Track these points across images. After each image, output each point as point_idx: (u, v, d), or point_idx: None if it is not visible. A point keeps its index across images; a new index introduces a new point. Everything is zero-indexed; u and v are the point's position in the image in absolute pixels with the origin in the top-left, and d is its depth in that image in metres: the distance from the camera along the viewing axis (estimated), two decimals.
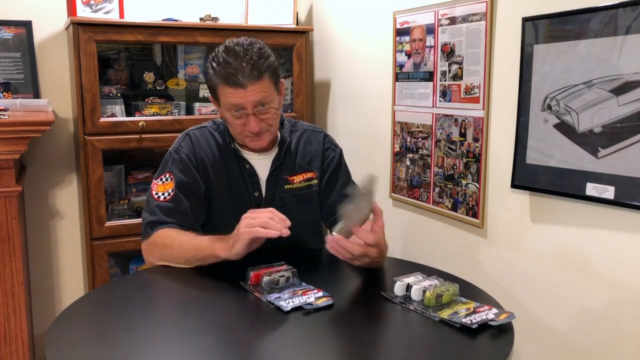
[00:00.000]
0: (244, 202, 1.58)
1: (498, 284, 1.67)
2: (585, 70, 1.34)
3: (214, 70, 1.45)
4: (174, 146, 1.60)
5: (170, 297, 1.36)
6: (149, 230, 1.50)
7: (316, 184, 1.66)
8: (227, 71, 1.42)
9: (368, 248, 1.30)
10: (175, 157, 1.57)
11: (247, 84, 1.41)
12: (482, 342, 1.06)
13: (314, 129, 1.72)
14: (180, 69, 2.54)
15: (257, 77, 1.42)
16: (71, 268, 2.54)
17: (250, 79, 1.41)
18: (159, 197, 1.53)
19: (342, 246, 1.27)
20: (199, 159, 1.57)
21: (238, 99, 1.44)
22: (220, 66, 1.43)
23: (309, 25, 2.75)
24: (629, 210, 1.29)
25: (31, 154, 2.40)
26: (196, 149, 1.58)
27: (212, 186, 1.57)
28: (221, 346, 1.06)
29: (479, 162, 1.71)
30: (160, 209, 1.51)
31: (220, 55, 1.45)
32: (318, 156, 1.67)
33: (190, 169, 1.55)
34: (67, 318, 1.19)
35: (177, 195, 1.52)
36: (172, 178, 1.54)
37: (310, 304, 1.18)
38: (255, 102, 1.45)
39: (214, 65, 1.45)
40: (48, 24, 2.38)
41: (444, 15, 1.80)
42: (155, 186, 1.55)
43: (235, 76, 1.41)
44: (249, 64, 1.41)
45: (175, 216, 1.50)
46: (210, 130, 1.63)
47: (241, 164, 1.59)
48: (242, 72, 1.41)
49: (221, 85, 1.45)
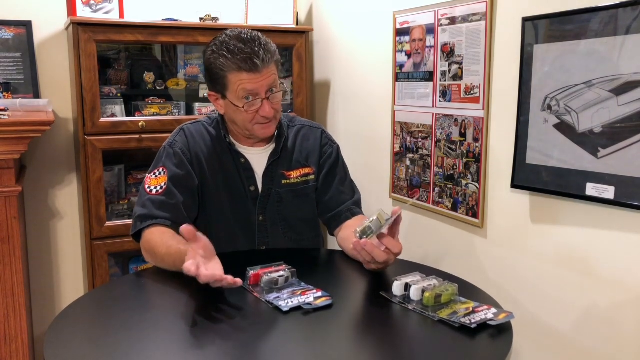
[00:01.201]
0: (240, 197, 1.59)
1: (497, 284, 1.67)
2: (585, 70, 1.34)
3: (226, 58, 1.44)
4: (168, 141, 1.60)
5: (169, 297, 1.36)
6: (139, 224, 1.50)
7: (313, 180, 1.66)
8: (242, 57, 1.43)
9: (391, 256, 1.31)
10: (169, 151, 1.57)
11: (262, 68, 1.44)
12: (481, 341, 1.06)
13: (311, 125, 1.72)
14: (180, 69, 2.54)
15: (269, 61, 1.46)
16: (71, 268, 2.55)
17: (265, 63, 1.44)
18: (151, 190, 1.53)
19: (368, 251, 1.28)
20: (194, 153, 1.57)
21: (253, 84, 1.45)
22: (233, 53, 1.44)
23: (309, 25, 2.75)
24: (629, 210, 1.29)
25: (31, 154, 2.40)
26: (190, 144, 1.58)
27: (207, 181, 1.57)
28: (220, 346, 1.06)
29: (479, 162, 1.71)
30: (152, 202, 1.50)
31: (227, 43, 1.46)
32: (315, 152, 1.67)
33: (184, 163, 1.55)
34: (67, 318, 1.19)
35: (170, 189, 1.52)
36: (166, 172, 1.54)
37: (309, 304, 1.18)
38: (268, 85, 1.47)
39: (224, 53, 1.45)
40: (48, 24, 2.38)
41: (444, 15, 1.80)
42: (148, 180, 1.55)
43: (252, 60, 1.43)
44: (261, 48, 1.44)
45: (167, 210, 1.50)
46: (205, 125, 1.63)
47: (236, 158, 1.59)
48: (257, 56, 1.43)
49: (235, 72, 1.45)
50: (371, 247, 1.28)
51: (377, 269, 1.36)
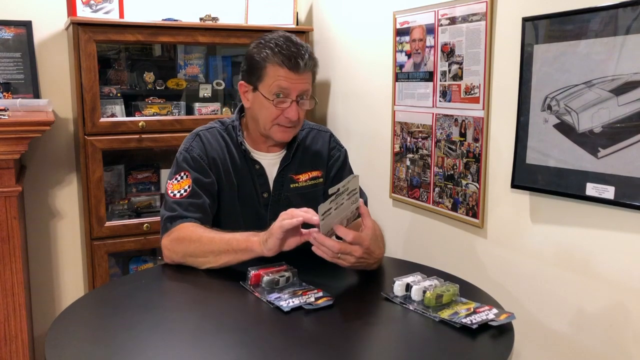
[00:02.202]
0: (253, 203, 1.58)
1: (498, 284, 1.67)
2: (585, 70, 1.34)
3: (272, 50, 1.47)
4: (184, 146, 1.58)
5: (170, 297, 1.36)
6: (169, 224, 1.47)
7: (321, 183, 1.66)
8: (288, 53, 1.46)
9: (348, 246, 1.26)
10: (187, 156, 1.55)
11: (302, 71, 1.48)
12: (482, 342, 1.06)
13: (320, 129, 1.72)
14: (180, 69, 2.54)
15: (310, 67, 1.51)
16: (71, 268, 2.54)
17: (306, 67, 1.48)
18: (175, 195, 1.50)
19: (320, 243, 1.25)
20: (211, 158, 1.56)
21: (289, 82, 1.47)
22: (280, 47, 1.47)
23: (309, 25, 2.75)
24: (629, 210, 1.29)
25: (31, 154, 2.40)
26: (207, 149, 1.56)
27: (222, 185, 1.56)
28: (221, 346, 1.06)
29: (479, 162, 1.71)
30: (179, 205, 1.48)
31: (277, 39, 1.49)
32: (324, 155, 1.67)
33: (204, 168, 1.54)
34: (67, 318, 1.19)
35: (195, 191, 1.50)
36: (188, 175, 1.52)
37: (310, 304, 1.18)
38: (301, 90, 1.50)
39: (270, 46, 1.48)
40: (48, 24, 2.38)
41: (444, 15, 1.80)
42: (171, 186, 1.53)
43: (296, 59, 1.46)
44: (307, 53, 1.49)
45: (195, 210, 1.48)
46: (219, 130, 1.61)
47: (251, 165, 1.58)
48: (302, 58, 1.47)
49: (276, 65, 1.47)
50: (323, 238, 1.24)
51: (357, 266, 1.32)
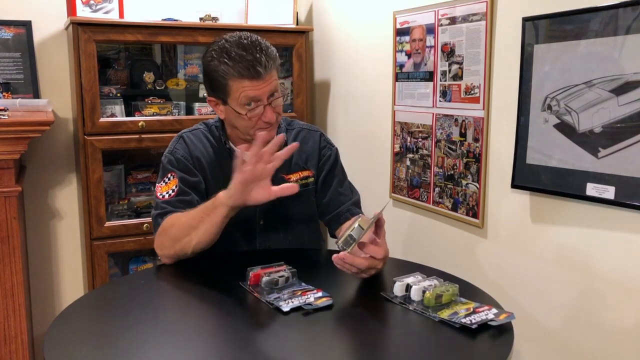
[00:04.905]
0: None
1: (498, 284, 1.67)
2: (586, 70, 1.34)
3: (227, 65, 1.42)
4: (168, 149, 1.60)
5: (170, 297, 1.36)
6: (159, 220, 1.50)
7: (313, 182, 1.66)
8: (244, 64, 1.41)
9: (375, 261, 1.29)
10: (171, 158, 1.57)
11: (264, 75, 1.42)
12: (481, 342, 1.06)
13: (310, 128, 1.72)
14: (180, 69, 2.54)
15: (271, 67, 1.44)
16: (71, 268, 2.54)
17: (267, 69, 1.43)
18: (163, 196, 1.53)
19: (349, 263, 1.26)
20: (195, 158, 1.57)
21: (255, 91, 1.43)
22: (234, 60, 1.41)
23: (309, 25, 2.74)
24: (629, 210, 1.29)
25: (31, 154, 2.40)
26: (191, 149, 1.58)
27: (209, 185, 1.57)
28: (220, 346, 1.06)
29: (479, 162, 1.71)
30: (168, 204, 1.51)
31: (228, 50, 1.43)
32: (314, 155, 1.67)
33: (189, 168, 1.56)
34: (67, 318, 1.19)
35: (183, 189, 1.52)
36: (175, 176, 1.54)
37: (310, 304, 1.18)
38: (270, 91, 1.46)
39: (224, 60, 1.42)
40: (48, 24, 2.37)
41: (444, 15, 1.80)
42: (159, 188, 1.55)
43: (254, 67, 1.40)
44: (262, 55, 1.42)
45: (185, 207, 1.49)
46: (203, 132, 1.63)
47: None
48: (259, 63, 1.41)
49: (237, 79, 1.43)
50: (350, 258, 1.24)
51: (370, 275, 1.35)
